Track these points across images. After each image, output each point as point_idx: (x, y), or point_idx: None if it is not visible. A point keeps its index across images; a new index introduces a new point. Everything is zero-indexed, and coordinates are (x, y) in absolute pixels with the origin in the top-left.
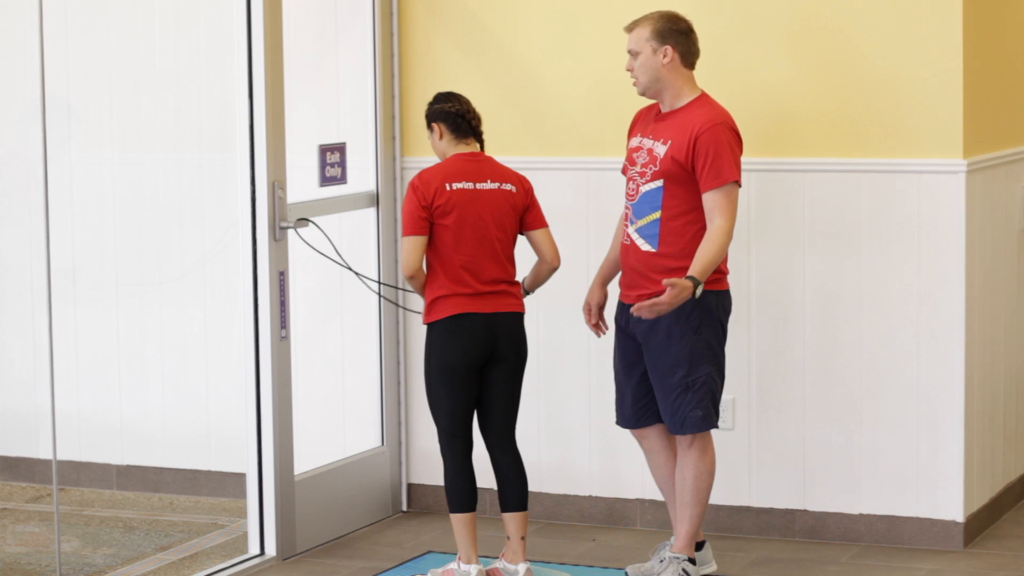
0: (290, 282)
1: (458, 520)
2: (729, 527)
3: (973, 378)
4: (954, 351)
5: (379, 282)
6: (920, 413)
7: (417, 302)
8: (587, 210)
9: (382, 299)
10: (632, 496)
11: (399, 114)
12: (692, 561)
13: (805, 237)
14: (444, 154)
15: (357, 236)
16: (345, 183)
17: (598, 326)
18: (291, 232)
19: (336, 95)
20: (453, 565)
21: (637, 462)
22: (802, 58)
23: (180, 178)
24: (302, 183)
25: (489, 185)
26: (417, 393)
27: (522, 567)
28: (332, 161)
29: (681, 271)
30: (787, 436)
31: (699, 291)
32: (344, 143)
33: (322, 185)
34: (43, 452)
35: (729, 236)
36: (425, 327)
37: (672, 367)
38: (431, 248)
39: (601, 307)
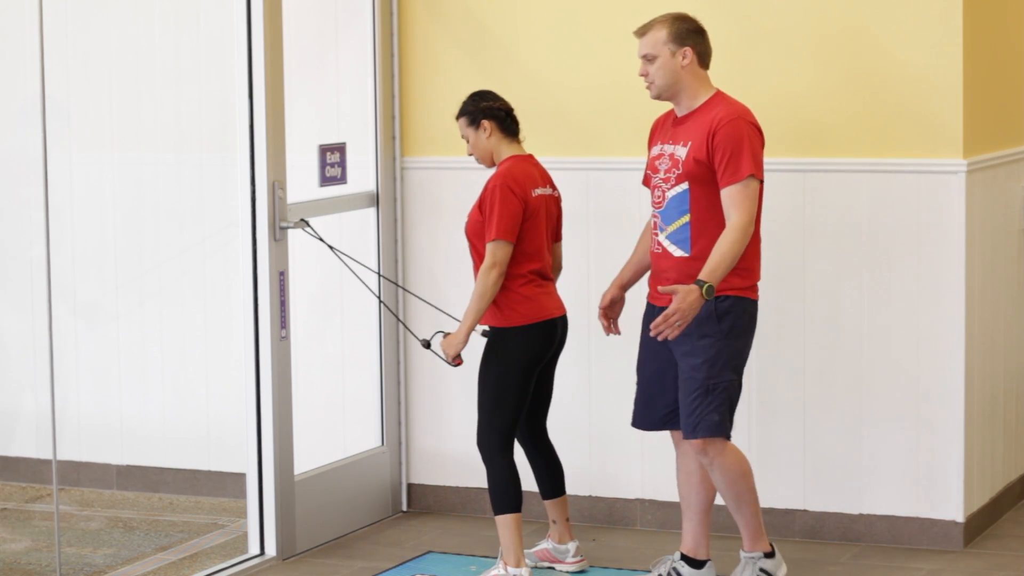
0: (290, 282)
1: (511, 521)
2: (729, 527)
3: (973, 378)
4: (954, 351)
5: (379, 273)
6: (920, 413)
7: (416, 288)
8: (587, 210)
9: (382, 299)
10: (632, 496)
11: (399, 114)
12: (768, 555)
13: (805, 237)
14: (492, 153)
15: (357, 236)
16: (345, 183)
17: (610, 327)
18: (291, 231)
19: (336, 95)
20: (499, 571)
21: (637, 462)
22: (801, 59)
23: (180, 178)
24: (302, 183)
25: (549, 191)
26: (417, 393)
27: (572, 545)
28: (332, 161)
29: None
30: (787, 436)
31: (706, 291)
32: (344, 143)
33: (322, 185)
34: (43, 452)
35: (744, 232)
36: (487, 326)
37: (697, 368)
38: (517, 248)
39: (614, 307)
